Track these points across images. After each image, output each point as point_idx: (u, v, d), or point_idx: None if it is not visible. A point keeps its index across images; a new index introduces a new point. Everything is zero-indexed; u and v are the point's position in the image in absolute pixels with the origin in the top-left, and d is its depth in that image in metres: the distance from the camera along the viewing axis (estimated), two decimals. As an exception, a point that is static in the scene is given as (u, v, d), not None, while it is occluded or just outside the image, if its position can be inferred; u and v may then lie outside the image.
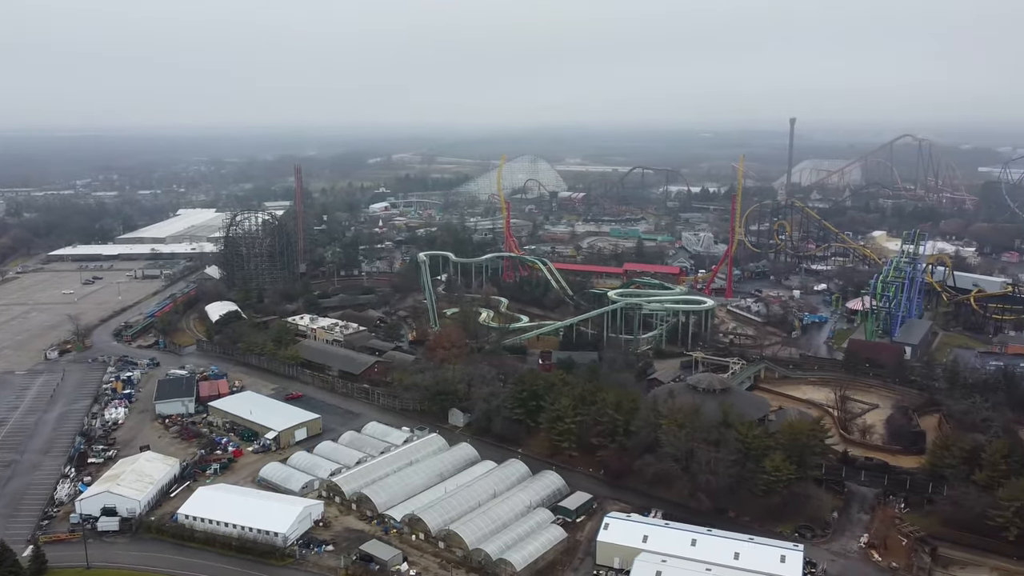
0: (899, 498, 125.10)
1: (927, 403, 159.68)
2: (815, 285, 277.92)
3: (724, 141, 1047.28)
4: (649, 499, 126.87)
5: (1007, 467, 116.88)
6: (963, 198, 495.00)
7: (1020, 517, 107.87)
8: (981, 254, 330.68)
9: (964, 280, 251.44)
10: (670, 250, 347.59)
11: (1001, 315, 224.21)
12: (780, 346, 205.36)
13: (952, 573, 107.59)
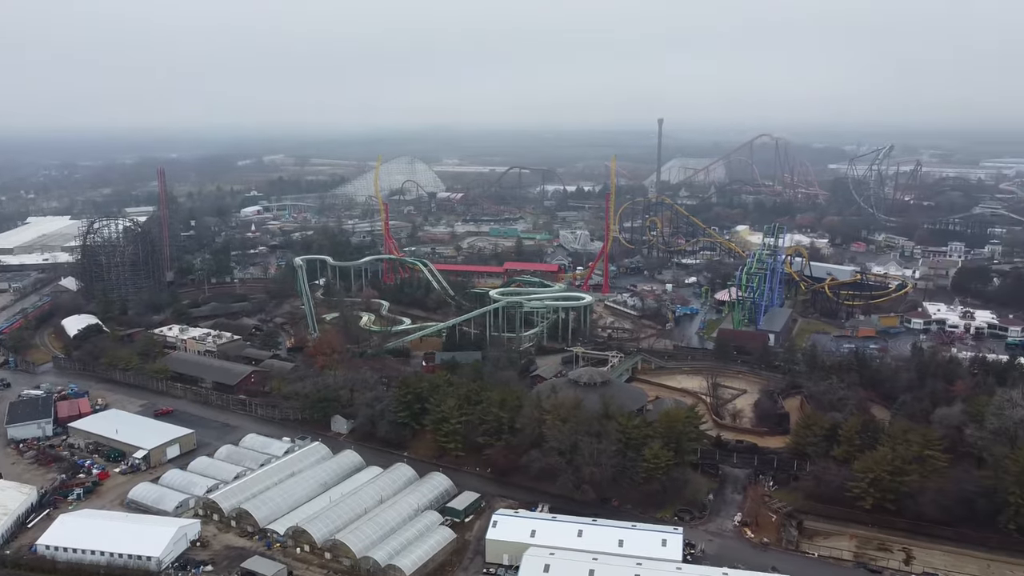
0: (768, 477, 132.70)
1: (790, 386, 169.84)
2: (686, 278, 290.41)
3: (598, 141, 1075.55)
4: (536, 494, 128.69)
5: (861, 442, 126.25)
6: (816, 193, 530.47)
7: (874, 487, 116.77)
8: (833, 245, 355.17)
9: (819, 270, 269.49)
10: (548, 248, 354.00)
11: (852, 301, 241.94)
12: (655, 338, 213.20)
13: (817, 543, 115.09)
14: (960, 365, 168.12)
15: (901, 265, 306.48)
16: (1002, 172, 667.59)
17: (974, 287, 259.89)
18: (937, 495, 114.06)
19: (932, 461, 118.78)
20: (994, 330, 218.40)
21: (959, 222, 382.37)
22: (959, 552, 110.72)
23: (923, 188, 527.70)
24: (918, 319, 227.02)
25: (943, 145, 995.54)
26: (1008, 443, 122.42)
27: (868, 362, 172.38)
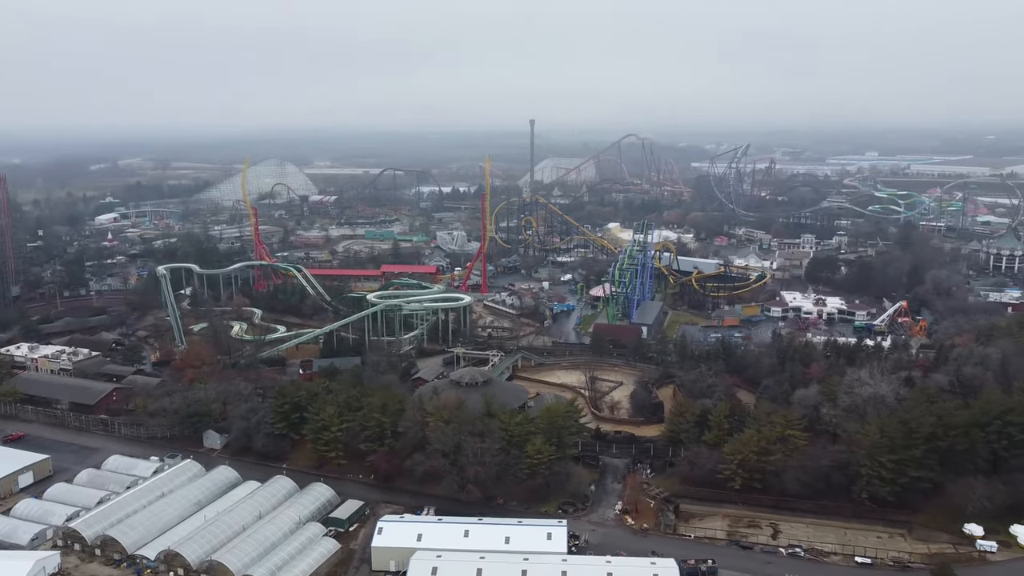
0: (645, 465, 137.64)
1: (663, 376, 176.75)
2: (562, 276, 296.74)
3: (472, 142, 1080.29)
4: (421, 497, 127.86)
5: (729, 426, 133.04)
6: (681, 190, 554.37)
7: (742, 468, 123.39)
8: (698, 239, 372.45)
9: (686, 264, 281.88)
10: (426, 250, 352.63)
11: (717, 292, 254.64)
12: (534, 335, 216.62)
13: (693, 525, 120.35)
14: (815, 349, 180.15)
15: (760, 257, 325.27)
16: (845, 168, 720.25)
17: (825, 276, 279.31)
18: (799, 472, 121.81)
19: (793, 440, 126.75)
20: (843, 315, 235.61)
21: (809, 216, 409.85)
22: (820, 523, 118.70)
23: (777, 184, 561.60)
24: (777, 307, 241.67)
25: (794, 144, 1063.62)
26: (858, 419, 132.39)
27: (733, 350, 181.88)
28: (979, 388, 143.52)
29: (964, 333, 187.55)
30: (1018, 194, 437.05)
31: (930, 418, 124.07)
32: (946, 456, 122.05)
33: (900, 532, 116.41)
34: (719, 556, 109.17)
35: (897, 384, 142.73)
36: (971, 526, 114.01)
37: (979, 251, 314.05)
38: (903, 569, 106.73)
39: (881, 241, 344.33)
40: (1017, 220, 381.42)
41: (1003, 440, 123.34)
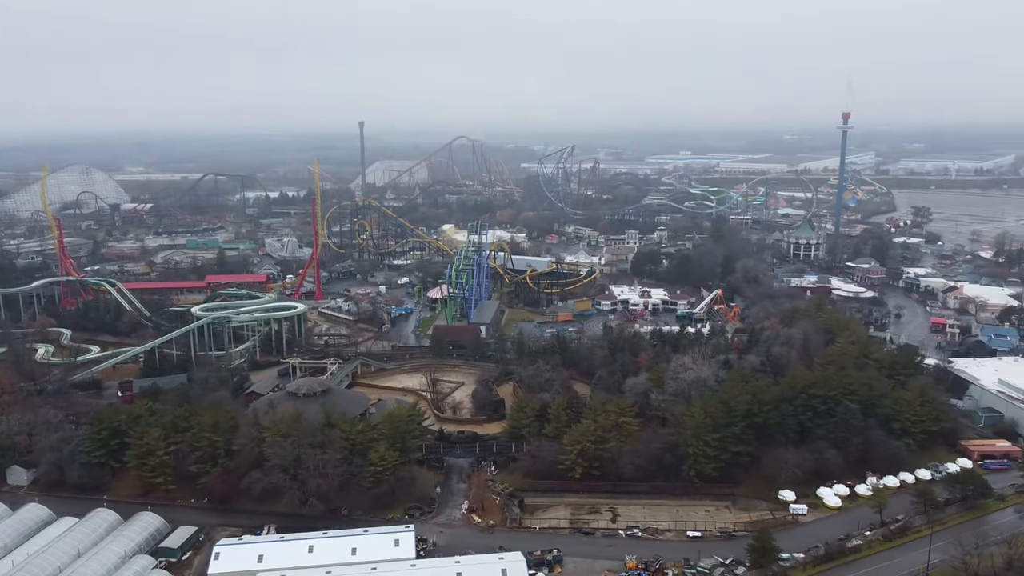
0: (489, 462, 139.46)
1: (503, 373, 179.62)
2: (398, 279, 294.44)
3: (299, 145, 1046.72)
4: (261, 517, 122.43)
5: (568, 417, 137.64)
6: (512, 191, 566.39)
7: (581, 457, 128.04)
8: (531, 238, 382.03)
9: (520, 262, 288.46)
10: (254, 258, 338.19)
11: (550, 289, 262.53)
12: (373, 341, 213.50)
13: (538, 517, 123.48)
14: (643, 339, 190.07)
15: (589, 253, 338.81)
16: (663, 167, 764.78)
17: (648, 269, 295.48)
18: (633, 456, 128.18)
19: (626, 427, 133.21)
20: (667, 305, 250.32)
21: (632, 212, 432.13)
22: (654, 503, 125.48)
23: (602, 183, 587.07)
24: (606, 301, 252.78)
25: (616, 144, 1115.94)
26: (684, 402, 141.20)
27: (568, 344, 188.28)
28: (786, 366, 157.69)
29: (771, 316, 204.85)
30: (811, 188, 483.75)
31: (746, 396, 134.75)
32: (761, 430, 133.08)
33: (725, 504, 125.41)
34: (564, 544, 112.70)
35: (717, 367, 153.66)
36: (785, 492, 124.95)
37: (781, 241, 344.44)
38: (729, 538, 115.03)
39: (697, 234, 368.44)
40: (811, 212, 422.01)
41: (808, 412, 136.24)
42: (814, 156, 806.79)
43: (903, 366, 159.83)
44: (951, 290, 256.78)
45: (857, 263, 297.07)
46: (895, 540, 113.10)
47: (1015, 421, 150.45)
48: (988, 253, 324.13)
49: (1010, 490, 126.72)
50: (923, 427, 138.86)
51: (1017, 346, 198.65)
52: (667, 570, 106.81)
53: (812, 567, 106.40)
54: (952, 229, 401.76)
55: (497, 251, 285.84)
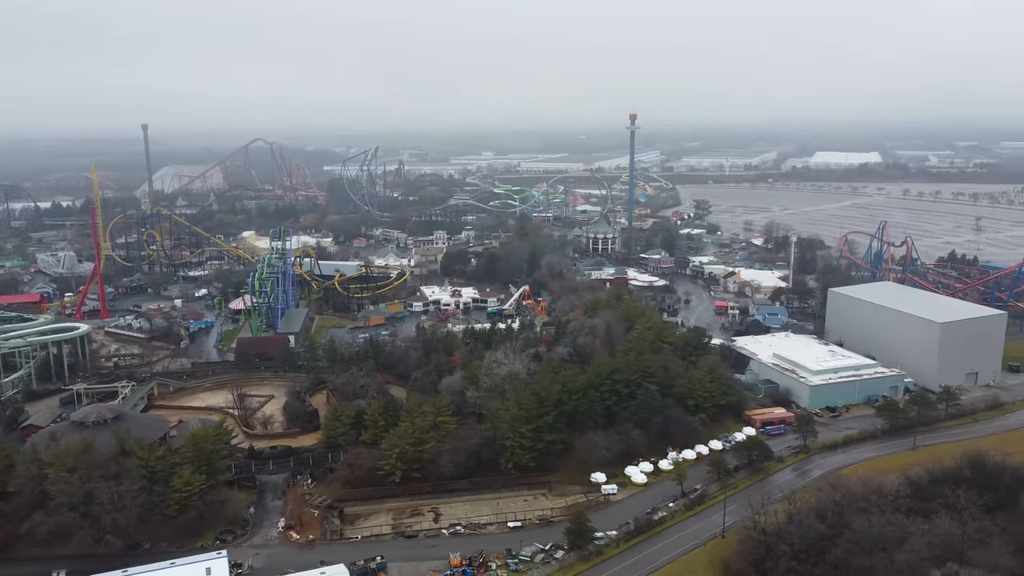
0: (305, 475, 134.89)
1: (315, 383, 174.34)
2: (196, 291, 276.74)
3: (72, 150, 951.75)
4: (49, 562, 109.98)
5: (385, 422, 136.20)
6: (315, 194, 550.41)
7: (401, 460, 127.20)
8: (338, 243, 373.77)
9: (328, 267, 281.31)
10: (25, 276, 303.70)
11: (361, 293, 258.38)
12: (170, 359, 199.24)
13: (359, 526, 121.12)
14: (456, 338, 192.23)
15: (398, 255, 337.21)
16: (467, 168, 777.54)
17: (458, 268, 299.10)
18: (452, 455, 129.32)
19: (444, 426, 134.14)
20: (478, 303, 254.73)
21: (440, 213, 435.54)
22: (475, 499, 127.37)
23: (408, 185, 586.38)
24: (418, 302, 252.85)
25: (420, 146, 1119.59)
26: (499, 397, 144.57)
27: (382, 348, 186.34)
28: (591, 355, 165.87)
29: (576, 309, 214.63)
30: (605, 186, 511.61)
31: (556, 387, 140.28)
32: (572, 418, 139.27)
33: (543, 492, 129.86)
34: (387, 551, 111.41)
35: (528, 360, 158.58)
36: (597, 475, 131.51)
37: (580, 236, 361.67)
38: (547, 524, 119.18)
39: (503, 233, 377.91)
40: (607, 208, 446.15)
41: (613, 396, 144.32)
42: (606, 155, 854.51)
43: (694, 347, 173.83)
44: (730, 275, 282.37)
45: (649, 254, 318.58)
46: (695, 508, 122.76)
47: (788, 390, 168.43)
48: (759, 241, 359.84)
49: (787, 452, 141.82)
50: (713, 402, 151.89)
51: (787, 323, 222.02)
52: (491, 563, 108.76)
53: (624, 542, 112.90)
54: (729, 220, 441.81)
55: (303, 257, 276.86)
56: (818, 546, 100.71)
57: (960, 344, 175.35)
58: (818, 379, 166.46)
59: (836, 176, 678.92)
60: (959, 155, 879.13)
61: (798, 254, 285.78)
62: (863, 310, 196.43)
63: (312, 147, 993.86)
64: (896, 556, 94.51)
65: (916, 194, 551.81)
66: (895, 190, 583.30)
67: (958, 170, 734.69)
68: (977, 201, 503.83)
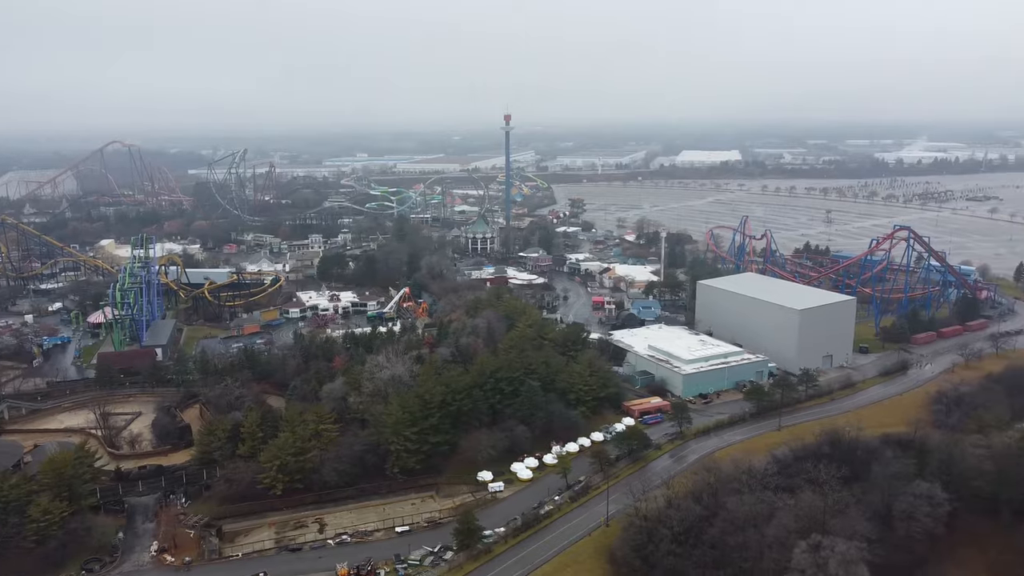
0: (179, 494, 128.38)
1: (187, 397, 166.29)
2: (49, 305, 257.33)
3: None
4: None
5: (264, 433, 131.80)
6: (180, 199, 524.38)
7: (282, 472, 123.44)
8: (206, 249, 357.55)
9: (196, 275, 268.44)
10: None
11: (233, 301, 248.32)
12: (22, 379, 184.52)
13: (239, 544, 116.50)
14: (336, 343, 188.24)
15: (272, 261, 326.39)
16: (341, 170, 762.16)
17: (336, 272, 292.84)
18: (336, 463, 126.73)
19: (327, 434, 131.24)
20: (357, 307, 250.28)
21: (314, 216, 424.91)
22: (361, 506, 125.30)
23: (279, 188, 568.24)
24: (295, 308, 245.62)
25: (291, 148, 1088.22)
26: (382, 401, 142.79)
27: (257, 357, 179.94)
28: (474, 354, 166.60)
29: (457, 309, 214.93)
30: (482, 186, 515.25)
31: (440, 387, 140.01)
32: (457, 418, 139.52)
33: (430, 495, 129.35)
34: (270, 567, 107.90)
35: (411, 363, 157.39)
36: (483, 473, 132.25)
37: (459, 236, 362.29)
38: (436, 526, 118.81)
39: (381, 235, 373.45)
40: (484, 208, 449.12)
41: (497, 394, 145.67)
42: (482, 156, 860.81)
43: (573, 342, 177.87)
44: (605, 271, 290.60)
45: (528, 253, 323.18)
46: (580, 499, 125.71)
47: (664, 379, 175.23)
48: (631, 237, 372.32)
49: (665, 439, 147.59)
50: (594, 395, 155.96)
51: (660, 315, 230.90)
52: (379, 570, 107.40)
53: (513, 538, 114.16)
54: (602, 217, 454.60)
55: (168, 265, 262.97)
56: (696, 527, 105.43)
57: (816, 329, 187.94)
58: (690, 368, 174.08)
59: (701, 173, 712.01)
60: (810, 152, 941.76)
61: (668, 249, 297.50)
62: (729, 300, 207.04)
63: (175, 149, 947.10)
64: (766, 531, 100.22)
65: (773, 190, 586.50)
66: (755, 186, 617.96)
67: (809, 166, 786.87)
68: (827, 195, 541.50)
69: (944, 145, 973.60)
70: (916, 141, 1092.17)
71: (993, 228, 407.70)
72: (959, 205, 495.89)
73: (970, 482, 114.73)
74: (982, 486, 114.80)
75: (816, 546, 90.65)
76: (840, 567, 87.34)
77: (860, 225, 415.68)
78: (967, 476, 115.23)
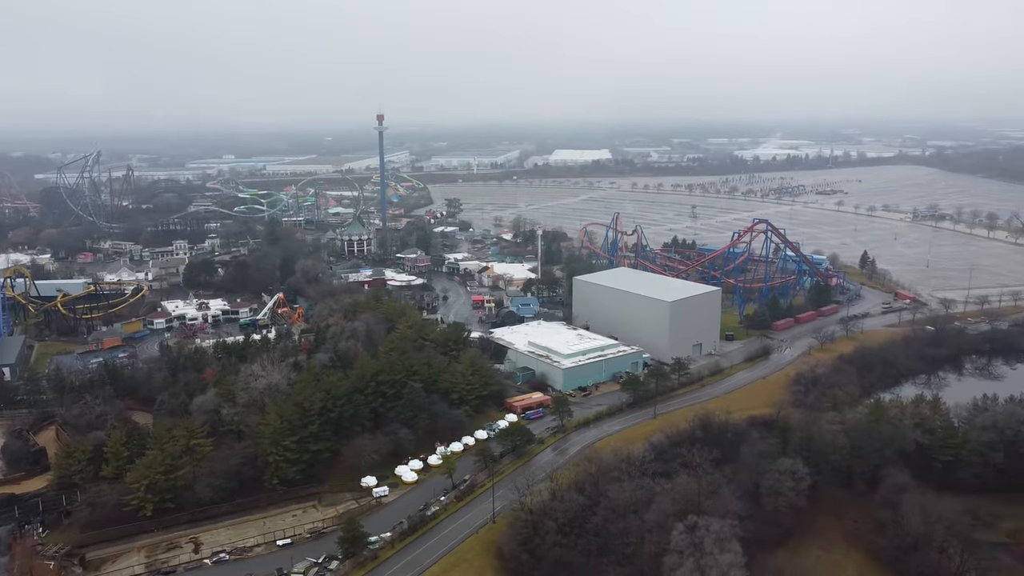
0: (36, 524, 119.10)
1: (41, 418, 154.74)
2: None
3: None
4: None
5: (130, 453, 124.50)
6: (26, 206, 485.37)
7: (151, 492, 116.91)
8: (58, 259, 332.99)
9: (47, 287, 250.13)
10: None
11: (91, 314, 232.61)
12: None
13: (105, 571, 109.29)
14: (206, 353, 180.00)
15: (133, 269, 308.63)
16: (206, 172, 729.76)
17: (204, 279, 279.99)
18: (210, 478, 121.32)
19: (199, 449, 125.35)
20: (228, 315, 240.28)
21: (179, 221, 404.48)
22: (240, 522, 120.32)
23: (139, 192, 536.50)
24: (160, 319, 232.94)
25: (150, 150, 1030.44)
26: (259, 411, 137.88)
27: (120, 372, 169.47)
28: (354, 358, 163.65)
29: (335, 313, 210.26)
30: (357, 187, 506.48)
31: (319, 394, 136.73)
32: (338, 424, 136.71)
33: (312, 504, 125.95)
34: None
35: (288, 370, 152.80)
36: (367, 479, 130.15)
37: (335, 239, 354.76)
38: (320, 536, 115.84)
39: (251, 239, 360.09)
40: (360, 209, 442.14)
41: (379, 398, 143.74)
42: (356, 156, 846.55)
43: (454, 342, 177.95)
44: (484, 270, 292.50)
45: (406, 254, 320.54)
46: (466, 498, 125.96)
47: (544, 374, 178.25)
48: (509, 235, 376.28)
49: (547, 433, 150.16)
50: (476, 393, 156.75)
51: (539, 311, 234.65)
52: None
53: (399, 543, 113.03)
54: (479, 217, 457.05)
55: (15, 277, 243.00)
56: (580, 517, 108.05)
57: (686, 319, 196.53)
58: (569, 362, 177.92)
59: (574, 172, 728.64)
60: (675, 151, 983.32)
61: (544, 246, 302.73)
62: (604, 295, 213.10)
63: (18, 152, 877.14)
64: (646, 516, 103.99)
65: (643, 187, 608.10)
66: (625, 184, 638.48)
67: (675, 164, 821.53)
68: (692, 191, 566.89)
69: (795, 143, 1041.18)
70: (770, 139, 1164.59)
71: (840, 219, 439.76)
72: (810, 199, 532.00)
73: (828, 456, 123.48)
74: (838, 459, 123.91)
75: (692, 527, 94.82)
76: (715, 545, 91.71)
77: (723, 219, 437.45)
78: (825, 451, 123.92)
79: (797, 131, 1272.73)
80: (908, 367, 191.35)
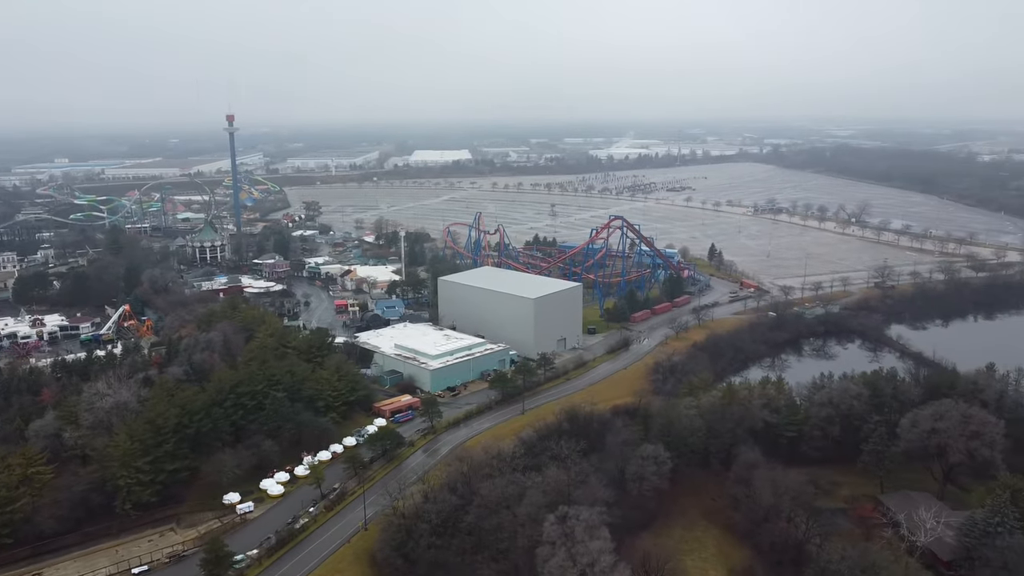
0: None
1: None
2: None
3: None
4: None
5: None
6: None
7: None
8: None
9: None
10: None
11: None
12: None
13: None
14: (43, 374, 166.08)
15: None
16: (36, 177, 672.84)
17: (37, 294, 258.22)
18: (53, 508, 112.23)
19: (39, 477, 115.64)
20: (67, 331, 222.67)
21: (5, 231, 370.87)
22: (89, 552, 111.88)
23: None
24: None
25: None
26: (106, 432, 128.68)
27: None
28: (211, 370, 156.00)
29: (188, 324, 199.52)
30: (207, 191, 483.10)
31: (174, 410, 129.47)
32: (196, 440, 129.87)
33: (170, 527, 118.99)
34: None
35: (137, 387, 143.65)
36: (230, 495, 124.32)
37: (185, 246, 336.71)
38: (180, 560, 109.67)
39: (91, 249, 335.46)
40: (211, 214, 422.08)
41: (239, 410, 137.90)
42: (205, 159, 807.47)
43: (318, 348, 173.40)
44: (347, 274, 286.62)
45: (263, 259, 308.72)
46: (336, 508, 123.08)
47: (412, 377, 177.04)
48: (371, 237, 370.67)
49: (417, 435, 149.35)
50: (343, 399, 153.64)
51: (404, 313, 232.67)
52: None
53: (268, 559, 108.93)
54: (340, 219, 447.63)
55: None
56: (453, 517, 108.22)
57: (550, 315, 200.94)
58: (437, 363, 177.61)
59: (434, 172, 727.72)
60: (533, 151, 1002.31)
61: (408, 248, 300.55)
62: (469, 294, 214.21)
63: None
64: (518, 510, 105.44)
65: (503, 186, 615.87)
66: (485, 183, 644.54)
67: (533, 164, 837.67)
68: (551, 190, 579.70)
69: (646, 142, 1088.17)
70: (623, 139, 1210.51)
71: (688, 214, 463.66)
72: (661, 195, 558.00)
73: (686, 440, 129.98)
74: (696, 442, 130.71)
75: (563, 517, 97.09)
76: (585, 533, 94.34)
77: (581, 217, 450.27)
78: (683, 435, 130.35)
79: (648, 131, 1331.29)
80: (754, 351, 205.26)
